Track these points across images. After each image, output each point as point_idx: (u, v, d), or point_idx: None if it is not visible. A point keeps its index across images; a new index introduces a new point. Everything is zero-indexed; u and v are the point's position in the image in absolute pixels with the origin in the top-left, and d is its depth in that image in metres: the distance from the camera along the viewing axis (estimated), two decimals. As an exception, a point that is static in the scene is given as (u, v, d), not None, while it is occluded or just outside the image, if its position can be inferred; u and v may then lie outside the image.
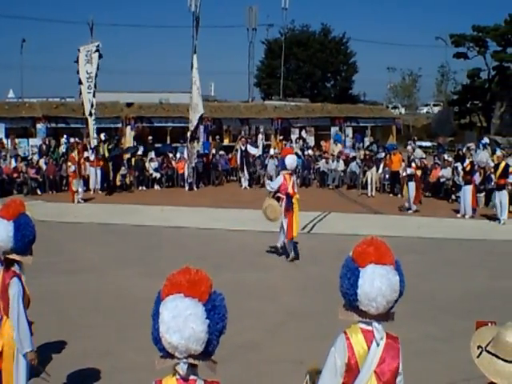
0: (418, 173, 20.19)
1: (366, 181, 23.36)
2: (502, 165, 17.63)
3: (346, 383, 3.52)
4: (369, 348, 3.49)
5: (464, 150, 21.27)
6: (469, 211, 18.25)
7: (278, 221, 12.62)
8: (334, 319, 3.69)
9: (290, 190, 12.47)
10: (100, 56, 22.22)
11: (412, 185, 19.30)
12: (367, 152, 25.93)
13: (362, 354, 3.49)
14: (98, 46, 22.35)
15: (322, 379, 3.58)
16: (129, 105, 28.33)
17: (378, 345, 3.48)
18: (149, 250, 13.75)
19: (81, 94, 22.80)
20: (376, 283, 3.36)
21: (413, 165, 19.69)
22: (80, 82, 22.41)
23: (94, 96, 22.43)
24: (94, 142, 22.51)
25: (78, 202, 20.29)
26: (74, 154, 20.94)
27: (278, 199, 12.58)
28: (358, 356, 3.49)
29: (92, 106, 22.33)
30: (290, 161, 12.65)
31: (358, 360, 3.49)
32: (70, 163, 20.98)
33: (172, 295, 2.78)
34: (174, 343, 2.72)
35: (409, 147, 23.38)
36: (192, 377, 2.86)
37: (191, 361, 2.80)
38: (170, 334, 2.72)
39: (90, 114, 22.41)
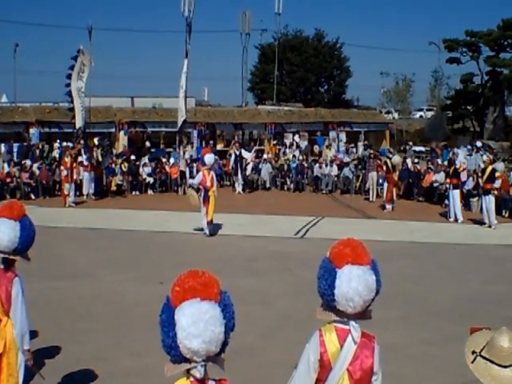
0: (395, 175, 21.39)
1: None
2: (489, 169, 17.39)
3: (319, 379, 3.59)
4: (341, 346, 3.55)
5: (450, 154, 21.30)
6: (459, 216, 18.25)
7: (198, 207, 15.58)
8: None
9: (208, 184, 15.24)
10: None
11: (385, 186, 20.50)
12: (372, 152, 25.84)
13: (334, 352, 3.56)
14: (91, 62, 22.21)
15: (296, 373, 3.66)
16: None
17: (355, 343, 3.54)
18: (141, 255, 13.73)
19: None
20: (353, 284, 3.41)
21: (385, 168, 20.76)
22: (72, 102, 22.28)
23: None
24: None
25: (70, 205, 20.45)
26: (67, 159, 20.92)
27: (198, 190, 15.56)
28: (330, 353, 3.56)
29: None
30: (208, 159, 15.57)
31: (330, 357, 3.56)
32: (62, 167, 20.97)
33: (188, 301, 2.71)
34: (194, 348, 2.66)
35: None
36: (206, 378, 2.82)
37: (209, 363, 2.76)
38: (190, 340, 2.65)
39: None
